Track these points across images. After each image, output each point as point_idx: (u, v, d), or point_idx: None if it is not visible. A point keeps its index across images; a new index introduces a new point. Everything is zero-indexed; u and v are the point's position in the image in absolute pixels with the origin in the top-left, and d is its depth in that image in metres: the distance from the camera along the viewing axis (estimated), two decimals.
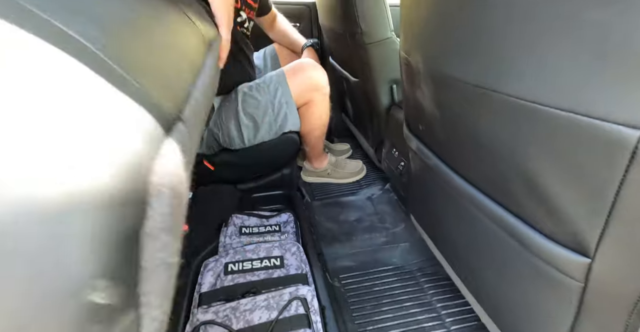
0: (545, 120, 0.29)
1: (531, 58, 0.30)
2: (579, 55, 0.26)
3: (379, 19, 0.93)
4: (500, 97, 0.34)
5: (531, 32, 0.30)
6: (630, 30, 0.22)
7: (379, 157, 1.22)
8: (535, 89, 0.30)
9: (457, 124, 0.44)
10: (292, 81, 0.98)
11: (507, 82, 0.33)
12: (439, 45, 0.44)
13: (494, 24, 0.33)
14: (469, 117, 0.40)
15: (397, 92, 1.04)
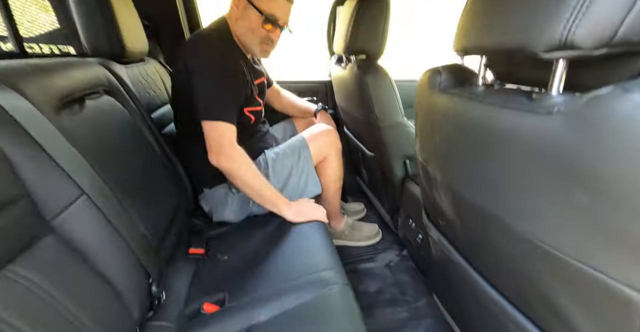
0: (566, 267, 0.34)
1: (551, 210, 0.36)
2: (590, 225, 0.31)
3: (391, 106, 1.05)
4: (523, 236, 0.39)
5: (545, 186, 0.36)
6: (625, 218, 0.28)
7: (395, 224, 1.26)
8: (558, 240, 0.35)
9: (479, 238, 0.49)
10: (311, 144, 1.09)
11: (527, 224, 0.39)
12: (455, 169, 0.52)
13: (506, 172, 0.41)
14: (491, 238, 0.46)
15: (410, 166, 1.12)
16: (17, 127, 0.46)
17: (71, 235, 0.51)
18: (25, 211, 0.45)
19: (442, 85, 0.54)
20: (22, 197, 0.45)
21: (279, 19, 0.93)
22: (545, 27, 0.32)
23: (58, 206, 0.49)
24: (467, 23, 0.46)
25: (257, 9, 0.90)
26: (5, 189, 0.43)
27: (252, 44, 0.96)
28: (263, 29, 0.92)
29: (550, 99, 0.35)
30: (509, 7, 0.38)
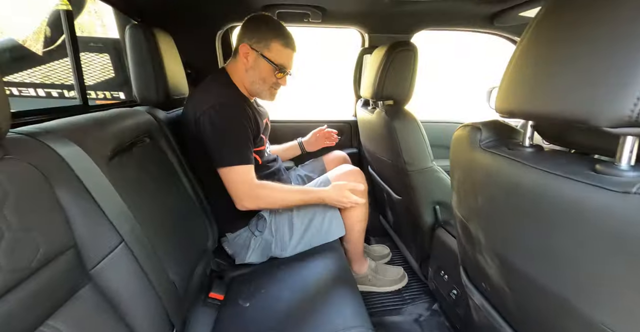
0: None
1: (611, 292, 0.32)
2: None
3: (420, 151, 1.04)
4: (599, 325, 0.34)
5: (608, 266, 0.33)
6: None
7: (425, 273, 1.18)
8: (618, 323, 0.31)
9: (536, 313, 0.44)
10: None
11: (604, 314, 0.34)
12: (504, 234, 0.48)
13: (565, 242, 0.37)
14: (552, 318, 0.41)
15: (440, 213, 1.08)
16: (75, 179, 0.48)
17: (107, 284, 0.51)
18: (70, 262, 0.46)
19: (483, 144, 0.53)
20: (70, 248, 0.46)
21: (287, 67, 1.01)
22: (611, 99, 0.30)
23: (99, 255, 0.50)
24: (512, 84, 0.45)
25: (268, 60, 0.97)
26: (58, 240, 0.44)
27: (262, 91, 1.02)
28: (274, 77, 1.00)
29: (621, 173, 0.32)
30: (563, 71, 0.36)
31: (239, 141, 0.92)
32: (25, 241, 0.39)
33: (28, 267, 0.39)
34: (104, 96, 1.20)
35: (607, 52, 0.31)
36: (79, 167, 0.50)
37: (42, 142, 0.47)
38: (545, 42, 0.40)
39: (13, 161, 0.40)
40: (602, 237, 0.32)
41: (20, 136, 0.46)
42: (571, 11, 0.37)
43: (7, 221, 0.37)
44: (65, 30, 0.79)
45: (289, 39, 0.99)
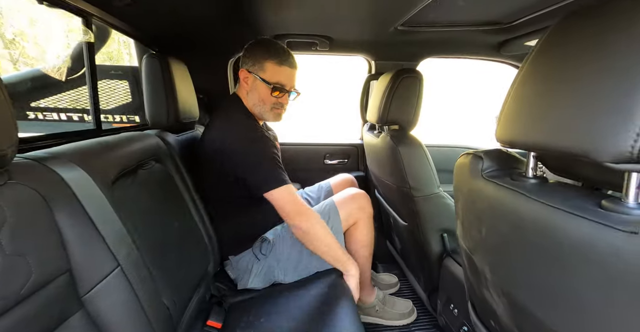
0: None
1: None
2: None
3: (426, 177, 1.02)
4: None
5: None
6: None
7: (433, 305, 1.11)
8: None
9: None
10: (342, 207, 1.06)
11: None
12: (511, 271, 0.45)
13: (576, 285, 0.35)
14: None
15: (449, 241, 1.03)
16: (76, 203, 0.49)
17: (98, 312, 0.50)
18: (63, 288, 0.45)
19: (486, 173, 0.52)
20: (64, 273, 0.46)
21: (285, 85, 1.02)
22: (612, 134, 0.29)
23: (93, 280, 0.49)
24: (512, 113, 0.44)
25: (263, 80, 1.00)
26: (52, 264, 0.44)
27: (264, 112, 1.04)
28: (272, 97, 1.01)
29: (629, 211, 0.30)
30: (563, 102, 0.35)
31: (276, 166, 0.94)
32: (18, 266, 0.39)
33: (18, 293, 0.38)
34: (121, 119, 1.26)
35: (607, 86, 0.31)
36: (81, 191, 0.50)
37: (47, 167, 0.49)
38: (544, 72, 0.40)
39: (15, 186, 0.41)
40: (613, 278, 0.30)
41: (27, 161, 0.48)
42: (570, 44, 0.37)
43: (2, 246, 0.37)
44: (86, 61, 0.85)
45: (282, 57, 1.00)
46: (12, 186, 0.41)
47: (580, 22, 0.37)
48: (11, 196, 0.40)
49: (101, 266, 0.51)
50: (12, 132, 0.38)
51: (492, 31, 1.11)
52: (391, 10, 0.97)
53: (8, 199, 0.39)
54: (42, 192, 0.44)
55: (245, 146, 0.93)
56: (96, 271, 0.50)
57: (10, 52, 1.23)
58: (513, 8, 0.92)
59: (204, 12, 0.98)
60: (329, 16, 1.04)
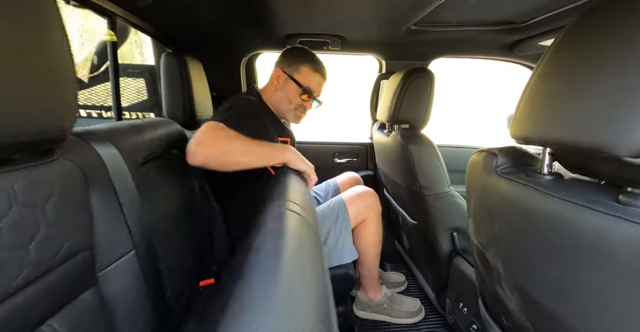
0: None
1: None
2: None
3: (437, 175, 1.02)
4: None
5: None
6: None
7: (442, 304, 1.12)
8: None
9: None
10: (350, 205, 1.07)
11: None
12: (524, 266, 0.46)
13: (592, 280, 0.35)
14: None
15: (458, 240, 1.03)
16: (108, 182, 0.51)
17: (108, 290, 0.50)
18: (82, 263, 0.46)
19: (500, 170, 0.52)
20: (86, 249, 0.47)
21: (314, 91, 1.07)
22: (630, 128, 0.30)
23: (109, 259, 0.50)
24: (528, 110, 0.44)
25: (296, 82, 1.04)
26: (80, 239, 0.45)
27: (287, 111, 1.07)
28: (299, 98, 1.06)
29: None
30: (579, 98, 0.36)
31: (237, 115, 0.85)
32: (55, 237, 0.41)
33: (51, 263, 0.40)
34: (137, 117, 1.29)
35: (626, 81, 0.31)
36: (114, 170, 0.52)
37: (88, 144, 0.51)
38: (560, 70, 0.41)
39: (64, 162, 0.44)
40: (628, 271, 0.30)
41: (71, 137, 0.49)
42: (588, 42, 0.37)
43: (47, 216, 0.39)
44: (110, 58, 0.88)
45: (318, 65, 1.07)
46: (62, 161, 0.43)
47: (598, 20, 0.37)
48: (60, 171, 0.42)
49: (118, 247, 0.52)
50: (75, 109, 0.40)
51: (505, 31, 1.11)
52: (403, 10, 0.98)
53: (57, 174, 0.41)
54: (83, 168, 0.46)
55: (233, 100, 0.92)
56: (113, 251, 0.51)
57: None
58: (527, 7, 0.92)
59: (219, 12, 1.00)
60: (341, 16, 1.06)
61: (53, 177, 0.41)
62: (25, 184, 0.37)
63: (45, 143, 0.38)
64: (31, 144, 0.36)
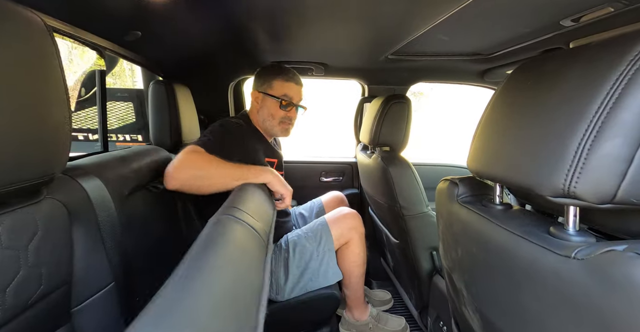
0: None
1: None
2: None
3: (415, 197, 1.07)
4: None
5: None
6: None
7: (424, 322, 1.14)
8: None
9: None
10: (333, 226, 1.09)
11: None
12: (481, 289, 0.50)
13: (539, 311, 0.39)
14: None
15: (437, 259, 1.07)
16: (92, 216, 0.52)
17: (82, 326, 0.50)
18: (59, 299, 0.46)
19: (460, 199, 0.57)
20: (64, 285, 0.47)
21: (292, 98, 1.10)
22: (549, 174, 0.35)
23: (86, 293, 0.50)
24: (479, 147, 0.50)
25: (271, 95, 1.07)
26: (59, 276, 0.45)
27: (273, 126, 1.10)
28: (281, 110, 1.08)
29: (568, 237, 0.36)
30: (514, 142, 0.41)
31: (215, 139, 0.86)
32: (34, 277, 0.41)
33: (26, 303, 0.40)
34: (124, 138, 1.32)
35: (544, 132, 0.37)
36: (98, 203, 0.54)
37: (75, 181, 0.52)
38: (500, 116, 0.46)
39: (50, 201, 0.45)
40: (555, 296, 0.35)
41: (59, 175, 0.51)
42: (519, 93, 0.43)
43: (28, 258, 0.40)
44: (98, 87, 0.91)
45: (289, 75, 1.09)
46: (48, 200, 0.44)
47: (527, 73, 0.44)
48: (46, 211, 0.43)
49: (97, 280, 0.52)
50: (66, 156, 0.42)
51: (475, 61, 1.20)
52: (382, 42, 1.05)
53: (43, 214, 0.43)
54: (68, 206, 0.47)
55: (217, 123, 0.95)
56: (91, 285, 0.51)
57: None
58: (491, 42, 1.01)
59: (207, 42, 1.06)
60: (324, 46, 1.13)
61: (38, 217, 0.42)
62: (10, 226, 0.38)
63: (34, 187, 0.40)
64: (20, 190, 0.37)
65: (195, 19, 0.83)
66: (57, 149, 0.40)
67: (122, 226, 0.61)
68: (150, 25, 0.85)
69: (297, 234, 1.10)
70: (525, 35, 0.90)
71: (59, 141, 0.40)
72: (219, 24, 0.90)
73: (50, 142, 0.39)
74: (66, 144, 0.42)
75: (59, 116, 0.40)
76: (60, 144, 0.41)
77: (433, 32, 0.91)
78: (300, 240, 1.07)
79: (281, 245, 1.07)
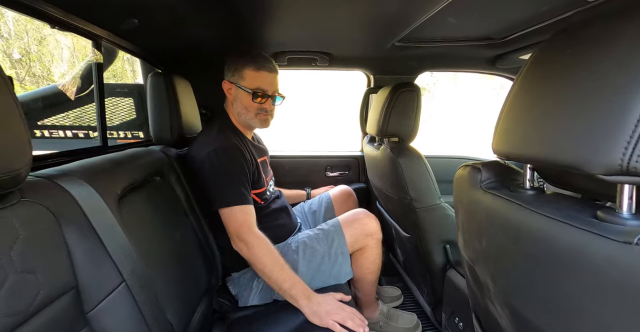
0: None
1: None
2: None
3: (427, 188, 1.03)
4: None
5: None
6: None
7: (438, 318, 1.10)
8: None
9: None
10: (348, 230, 1.04)
11: None
12: (512, 281, 0.46)
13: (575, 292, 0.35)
14: None
15: (451, 253, 1.03)
16: (83, 220, 0.50)
17: (104, 329, 0.50)
18: (69, 304, 0.46)
19: (484, 185, 0.53)
20: (70, 290, 0.46)
21: (266, 90, 1.01)
22: (603, 148, 0.30)
23: (99, 296, 0.50)
24: (507, 127, 0.45)
25: (243, 88, 1.00)
26: (60, 281, 0.44)
27: (250, 119, 1.03)
28: (254, 103, 1.01)
29: (623, 222, 0.31)
30: (555, 116, 0.36)
31: (238, 182, 0.92)
32: (28, 283, 0.39)
33: (27, 311, 0.39)
34: (125, 135, 1.29)
35: (595, 100, 0.32)
36: (89, 208, 0.52)
37: (58, 185, 0.50)
38: (535, 88, 0.42)
39: (28, 204, 0.43)
40: (608, 286, 0.30)
41: (38, 179, 0.49)
42: (557, 62, 0.39)
43: (13, 263, 0.38)
44: (95, 80, 0.88)
45: (259, 62, 0.99)
46: (24, 203, 0.42)
47: (565, 41, 0.39)
48: (23, 214, 0.41)
49: (106, 282, 0.51)
50: (27, 151, 0.40)
51: (486, 46, 1.15)
52: (388, 28, 1.01)
53: (20, 217, 0.41)
54: (52, 209, 0.45)
55: (211, 160, 0.92)
56: (102, 287, 0.50)
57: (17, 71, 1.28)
58: (504, 25, 0.96)
59: (207, 32, 1.02)
60: (328, 34, 1.08)
61: (16, 222, 0.40)
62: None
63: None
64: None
65: (195, 8, 0.80)
66: (8, 140, 0.37)
67: (123, 227, 0.59)
68: (148, 13, 0.81)
69: (307, 235, 1.06)
70: (542, 15, 0.85)
71: (9, 132, 0.37)
72: (220, 14, 0.86)
73: (1, 135, 0.36)
74: (21, 136, 0.38)
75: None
76: (11, 136, 0.37)
77: (442, 14, 0.86)
78: (311, 242, 1.03)
79: (291, 245, 1.04)
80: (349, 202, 1.36)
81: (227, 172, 0.92)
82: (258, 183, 1.04)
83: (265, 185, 1.08)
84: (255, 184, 1.02)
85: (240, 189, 0.92)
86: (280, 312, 0.93)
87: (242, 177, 0.94)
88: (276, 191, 1.20)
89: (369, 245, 1.07)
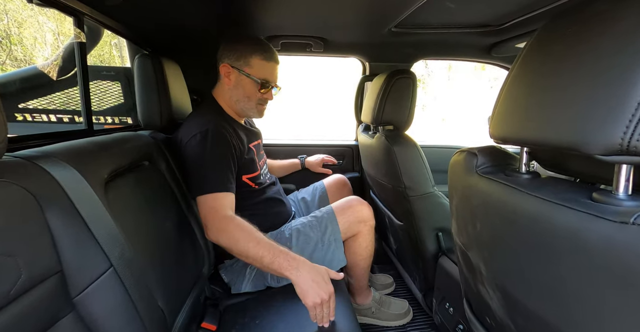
0: None
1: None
2: None
3: (421, 176, 1.03)
4: None
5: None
6: None
7: (429, 304, 1.12)
8: None
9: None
10: (341, 217, 1.04)
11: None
12: (505, 265, 0.46)
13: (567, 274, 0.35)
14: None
15: (444, 240, 1.04)
16: (67, 203, 0.48)
17: (91, 314, 0.49)
18: (54, 289, 0.44)
19: (480, 169, 0.52)
20: (55, 274, 0.45)
21: (272, 81, 1.00)
22: (602, 127, 0.30)
23: (84, 281, 0.48)
24: (505, 110, 0.45)
25: (250, 76, 0.96)
26: (42, 265, 0.43)
27: (249, 108, 1.01)
28: (259, 93, 0.98)
29: (619, 202, 0.31)
30: (553, 98, 0.36)
31: (218, 169, 0.87)
32: (7, 267, 0.38)
33: (7, 294, 0.37)
34: (113, 121, 1.24)
35: (595, 79, 0.32)
36: (72, 191, 0.50)
37: (38, 166, 0.48)
38: (533, 71, 0.41)
39: (5, 185, 0.40)
40: (602, 268, 0.30)
41: (17, 160, 0.47)
42: (556, 45, 0.38)
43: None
44: (77, 61, 0.83)
45: (268, 52, 0.98)
46: (1, 184, 0.40)
47: (564, 24, 0.38)
48: (1, 195, 0.39)
49: (93, 267, 0.50)
50: (2, 129, 0.37)
51: (483, 33, 1.13)
52: (384, 12, 0.98)
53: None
54: (32, 191, 0.43)
55: (197, 142, 0.88)
56: (88, 272, 0.49)
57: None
58: (502, 11, 0.94)
59: (197, 12, 0.98)
60: (323, 18, 1.05)
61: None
62: None
63: None
64: None
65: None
66: None
67: (110, 211, 0.57)
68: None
69: (301, 223, 1.06)
70: (541, 0, 0.84)
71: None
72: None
73: None
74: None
75: None
76: None
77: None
78: (304, 229, 1.03)
79: (284, 233, 1.03)
80: (343, 191, 1.35)
81: (206, 159, 0.87)
82: (251, 167, 1.01)
83: (259, 169, 1.06)
84: (248, 168, 1.00)
85: (218, 175, 0.87)
86: (274, 299, 0.93)
87: (222, 164, 0.89)
88: (272, 177, 1.19)
89: (362, 231, 1.07)
